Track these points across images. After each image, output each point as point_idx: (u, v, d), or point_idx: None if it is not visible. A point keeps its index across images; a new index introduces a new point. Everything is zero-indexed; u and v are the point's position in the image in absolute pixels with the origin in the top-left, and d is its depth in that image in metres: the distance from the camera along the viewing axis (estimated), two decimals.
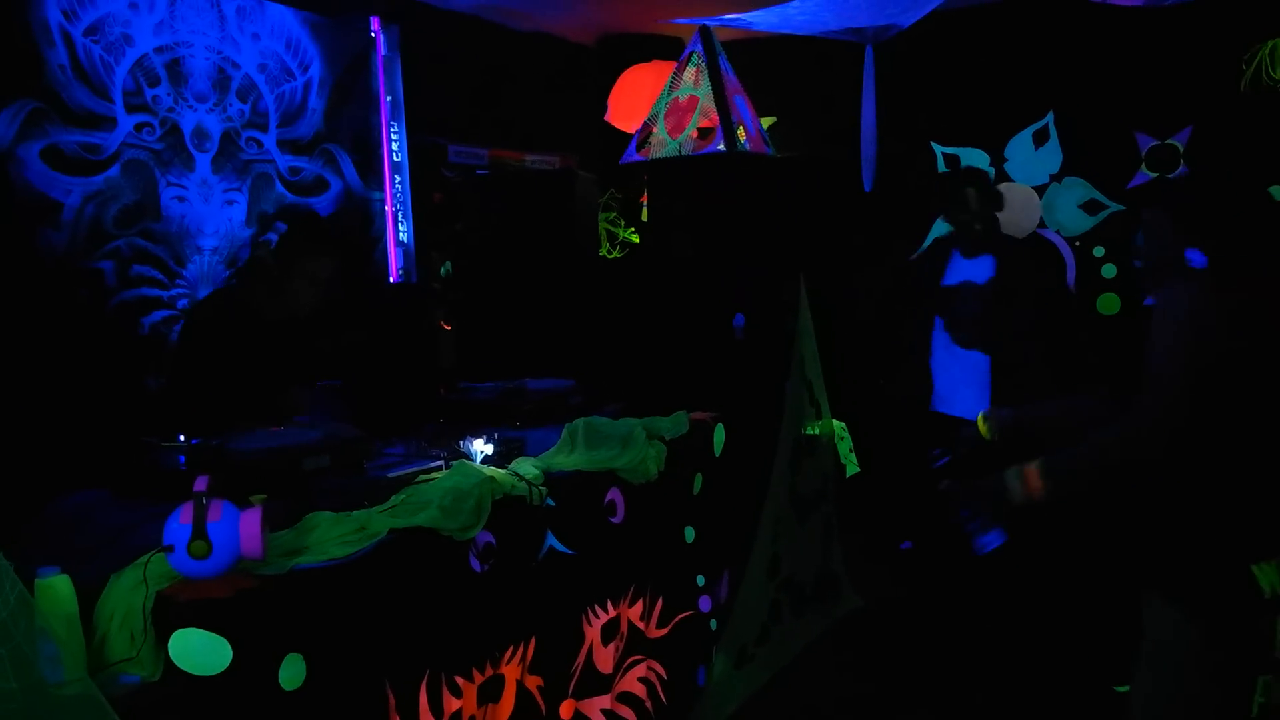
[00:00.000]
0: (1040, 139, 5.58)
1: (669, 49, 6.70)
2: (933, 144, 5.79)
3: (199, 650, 1.69)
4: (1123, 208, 5.44)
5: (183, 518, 1.77)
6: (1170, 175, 5.27)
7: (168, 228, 4.47)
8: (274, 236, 4.83)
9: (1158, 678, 2.14)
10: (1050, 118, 5.51)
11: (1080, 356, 4.52)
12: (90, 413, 3.95)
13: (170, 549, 1.76)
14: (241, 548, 1.79)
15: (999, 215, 4.18)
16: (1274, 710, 1.99)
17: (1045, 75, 5.49)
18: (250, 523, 1.80)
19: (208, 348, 3.17)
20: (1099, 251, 5.51)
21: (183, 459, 2.34)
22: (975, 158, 5.71)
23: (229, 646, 1.70)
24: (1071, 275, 5.56)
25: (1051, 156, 5.55)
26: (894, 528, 5.35)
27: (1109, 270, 5.54)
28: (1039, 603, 4.21)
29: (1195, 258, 2.13)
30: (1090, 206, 5.50)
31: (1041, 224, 5.56)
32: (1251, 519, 2.01)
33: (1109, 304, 5.56)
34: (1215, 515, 2.03)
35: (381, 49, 5.50)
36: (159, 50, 4.40)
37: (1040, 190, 5.56)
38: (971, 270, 4.27)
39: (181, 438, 2.40)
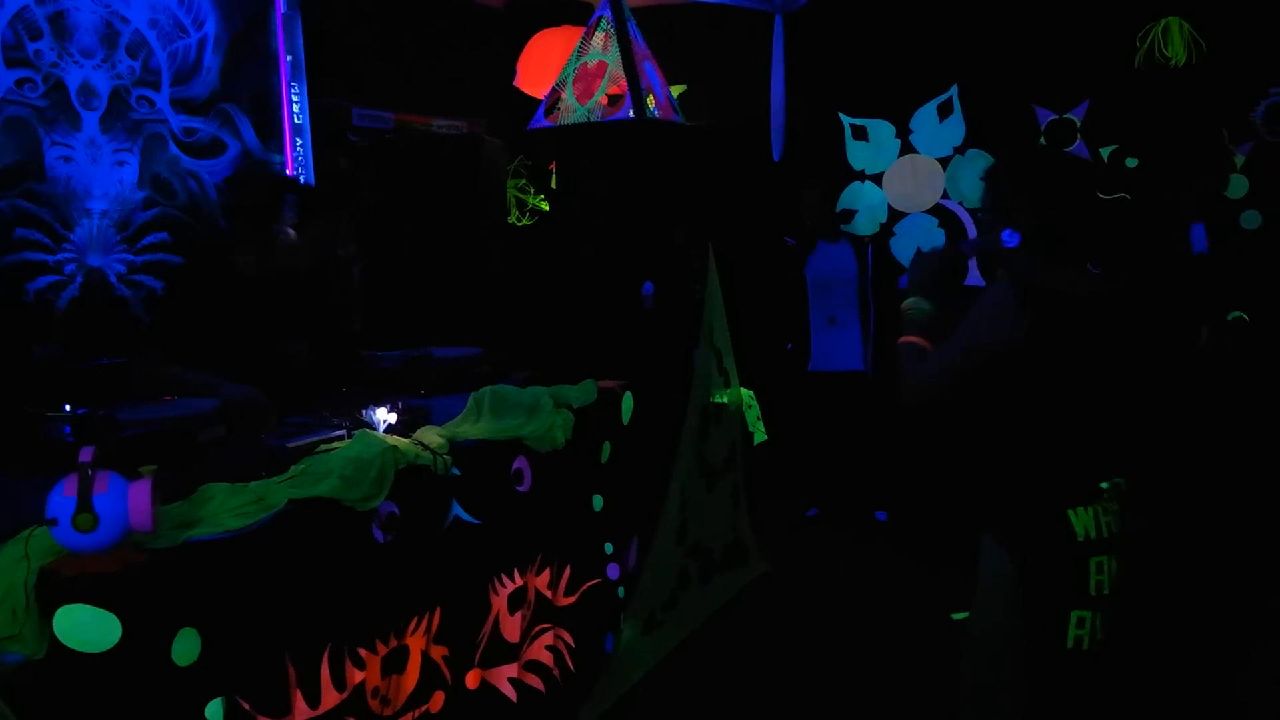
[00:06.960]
0: (944, 112, 5.67)
1: (578, 13, 6.60)
2: (840, 115, 5.84)
3: (86, 626, 1.64)
4: None
5: (66, 490, 1.70)
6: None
7: (53, 189, 4.27)
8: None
9: (980, 611, 2.29)
10: (954, 91, 5.60)
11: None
12: None
13: (54, 522, 1.69)
14: (130, 520, 1.73)
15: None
16: (1098, 644, 2.12)
17: (950, 49, 5.57)
18: (139, 495, 1.73)
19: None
20: None
21: (68, 429, 2.25)
22: (881, 129, 5.78)
23: (118, 622, 1.64)
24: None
25: (955, 129, 5.64)
26: (801, 494, 5.44)
27: None
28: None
29: (1009, 238, 2.17)
30: None
31: (945, 195, 5.67)
32: (1067, 468, 2.13)
33: None
34: (1033, 463, 2.17)
35: (281, 6, 5.31)
36: (41, 2, 4.18)
37: (944, 162, 5.66)
38: (834, 254, 5.19)
39: (67, 407, 2.31)
